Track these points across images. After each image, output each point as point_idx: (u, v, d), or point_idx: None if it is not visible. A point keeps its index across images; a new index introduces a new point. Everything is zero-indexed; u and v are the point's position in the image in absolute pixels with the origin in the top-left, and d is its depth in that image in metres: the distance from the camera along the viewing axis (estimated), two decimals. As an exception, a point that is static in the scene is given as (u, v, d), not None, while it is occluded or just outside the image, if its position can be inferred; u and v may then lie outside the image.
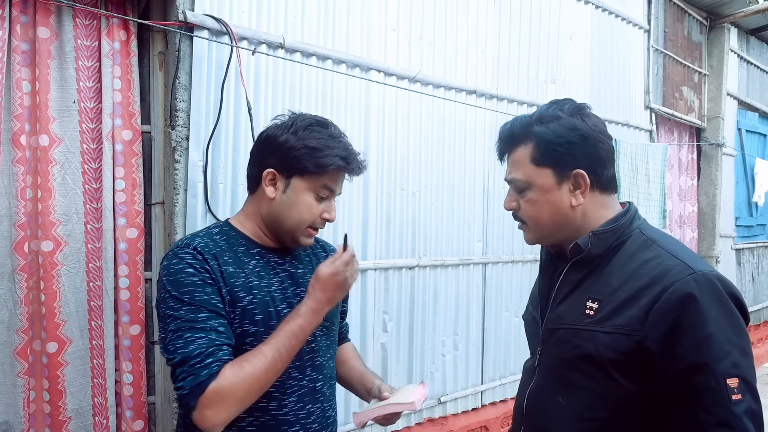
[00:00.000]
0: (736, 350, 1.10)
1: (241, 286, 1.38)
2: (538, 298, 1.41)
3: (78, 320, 2.03)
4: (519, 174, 1.30)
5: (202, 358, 1.25)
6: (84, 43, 2.02)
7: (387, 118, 2.76)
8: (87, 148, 2.03)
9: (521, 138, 1.30)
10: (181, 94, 2.07)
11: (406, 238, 2.87)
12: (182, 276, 1.32)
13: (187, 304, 1.29)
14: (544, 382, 1.31)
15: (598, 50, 4.00)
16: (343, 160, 1.41)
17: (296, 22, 2.41)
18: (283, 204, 1.42)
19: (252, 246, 1.46)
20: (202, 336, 1.28)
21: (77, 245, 2.02)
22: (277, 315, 1.42)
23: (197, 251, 1.36)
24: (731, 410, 1.07)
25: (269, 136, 1.44)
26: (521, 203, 1.31)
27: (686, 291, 1.11)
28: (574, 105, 1.29)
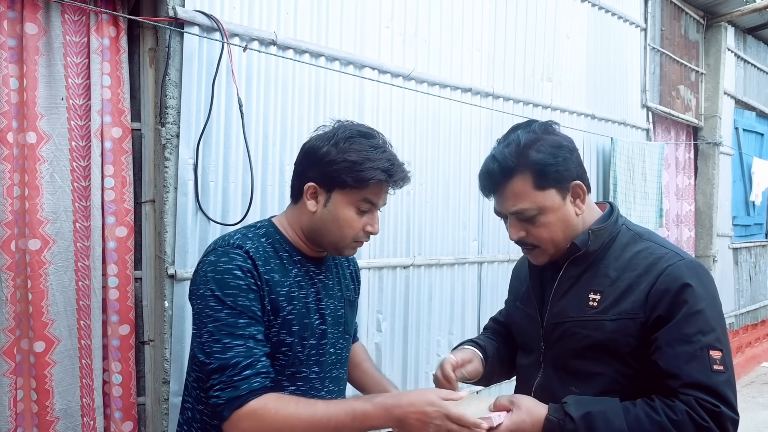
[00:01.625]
0: (720, 329, 1.23)
1: (285, 295, 1.38)
2: (530, 296, 1.47)
3: (66, 319, 2.00)
4: (525, 204, 1.31)
5: (240, 369, 1.24)
6: (73, 39, 1.99)
7: (381, 116, 2.74)
8: (76, 145, 2.01)
9: (516, 168, 1.30)
10: (172, 91, 2.05)
11: (400, 237, 2.85)
12: (229, 277, 1.30)
13: (228, 307, 1.28)
14: (552, 374, 1.37)
15: (594, 48, 3.99)
16: (384, 173, 1.36)
17: (289, 19, 2.38)
18: (324, 218, 1.39)
19: (295, 253, 1.45)
20: (241, 343, 1.27)
21: (65, 244, 1.99)
22: (311, 326, 1.43)
23: (248, 255, 1.34)
24: (712, 378, 1.17)
25: (311, 148, 1.41)
26: (531, 230, 1.34)
27: (679, 273, 1.24)
28: (542, 124, 1.36)
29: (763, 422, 4.70)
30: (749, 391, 5.48)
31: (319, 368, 1.45)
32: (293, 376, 1.41)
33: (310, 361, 1.44)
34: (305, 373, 1.43)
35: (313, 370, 1.44)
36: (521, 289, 1.53)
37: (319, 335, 1.45)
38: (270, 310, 1.35)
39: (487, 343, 1.61)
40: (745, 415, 4.86)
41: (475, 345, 1.57)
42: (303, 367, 1.42)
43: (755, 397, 5.31)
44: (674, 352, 1.20)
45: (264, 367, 1.28)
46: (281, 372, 1.39)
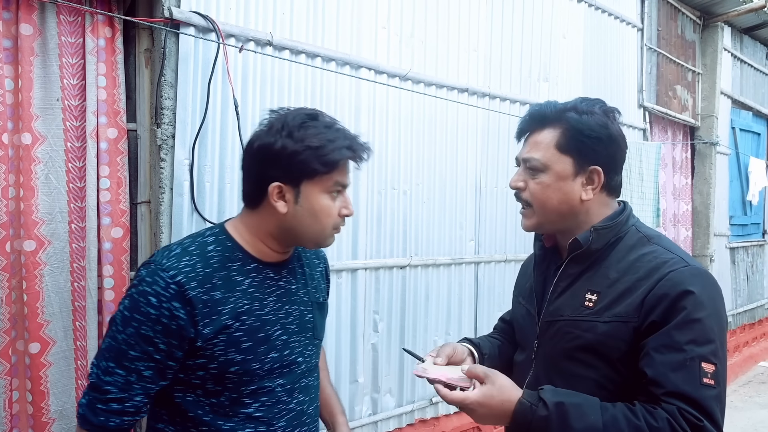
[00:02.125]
0: (718, 343, 1.16)
1: (228, 313, 1.29)
2: (531, 292, 1.44)
3: (62, 321, 2.00)
4: (538, 155, 1.29)
5: (106, 399, 1.22)
6: (68, 40, 1.99)
7: (378, 117, 2.74)
8: (71, 146, 2.01)
9: (552, 120, 1.29)
10: (167, 91, 2.05)
11: (397, 238, 2.85)
12: (143, 302, 1.23)
13: (127, 333, 1.23)
14: (542, 374, 1.34)
15: (591, 49, 3.99)
16: (349, 150, 1.30)
17: (285, 19, 2.38)
18: (298, 215, 1.30)
19: (248, 261, 1.35)
20: (122, 374, 1.23)
21: (61, 245, 1.99)
22: (268, 339, 1.33)
23: (173, 280, 1.23)
24: (700, 391, 1.11)
25: (262, 146, 1.30)
26: (530, 184, 1.31)
27: (681, 279, 1.17)
28: (606, 106, 1.33)
29: (760, 421, 4.71)
30: (746, 391, 5.49)
31: (285, 380, 1.37)
32: (255, 392, 1.33)
33: (273, 375, 1.35)
34: (269, 388, 1.34)
35: (278, 383, 1.36)
36: (525, 285, 1.49)
37: (281, 346, 1.36)
38: (208, 333, 1.26)
39: (485, 341, 1.58)
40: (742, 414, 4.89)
41: (469, 342, 1.53)
42: (266, 381, 1.34)
43: (752, 397, 5.32)
44: (662, 359, 1.13)
45: (134, 406, 1.24)
46: (237, 390, 1.31)
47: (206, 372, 1.27)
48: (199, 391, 1.30)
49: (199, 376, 1.28)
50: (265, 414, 1.33)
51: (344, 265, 2.62)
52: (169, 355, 1.24)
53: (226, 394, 1.30)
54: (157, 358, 1.23)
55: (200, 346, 1.25)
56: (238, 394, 1.31)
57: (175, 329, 1.23)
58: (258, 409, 1.33)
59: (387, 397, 2.85)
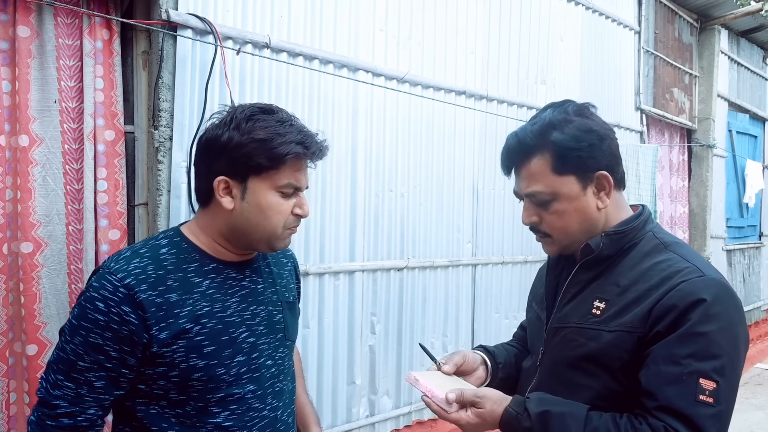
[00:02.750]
0: (725, 358, 1.08)
1: (186, 316, 1.21)
2: (543, 296, 1.39)
3: (59, 323, 1.99)
4: (540, 187, 1.22)
5: (56, 414, 1.17)
6: (65, 42, 1.99)
7: (375, 119, 2.75)
8: (68, 148, 2.01)
9: (536, 148, 1.22)
10: (165, 94, 2.05)
11: (394, 240, 2.85)
12: (90, 308, 1.17)
13: (75, 343, 1.17)
14: (545, 381, 1.29)
15: (588, 51, 4.00)
16: (299, 145, 1.22)
17: (282, 22, 2.39)
18: (245, 213, 1.23)
19: (206, 262, 1.27)
20: (72, 387, 1.17)
21: (58, 247, 1.99)
22: (233, 342, 1.27)
23: (122, 283, 1.17)
24: (694, 408, 1.04)
25: (209, 139, 1.24)
26: (545, 216, 1.25)
27: (693, 290, 1.10)
28: (577, 105, 1.25)
29: (756, 423, 4.72)
30: (743, 392, 5.50)
31: (256, 385, 1.30)
32: (223, 400, 1.25)
33: (242, 380, 1.28)
34: (238, 394, 1.27)
35: (248, 389, 1.29)
36: (540, 290, 1.43)
37: (248, 349, 1.29)
38: (165, 338, 1.19)
39: (501, 349, 1.52)
40: (738, 416, 4.89)
41: (484, 350, 1.49)
42: (234, 388, 1.26)
43: (749, 398, 5.33)
44: (658, 370, 1.08)
45: (87, 420, 1.18)
46: (203, 399, 1.24)
47: (167, 381, 1.21)
48: (163, 402, 1.23)
49: (161, 386, 1.21)
50: (235, 423, 1.26)
51: (342, 267, 2.62)
52: (122, 363, 1.18)
53: (191, 404, 1.23)
54: (108, 367, 1.17)
55: (157, 353, 1.18)
56: (204, 402, 1.24)
57: (126, 335, 1.16)
58: (227, 418, 1.26)
59: (384, 398, 2.85)
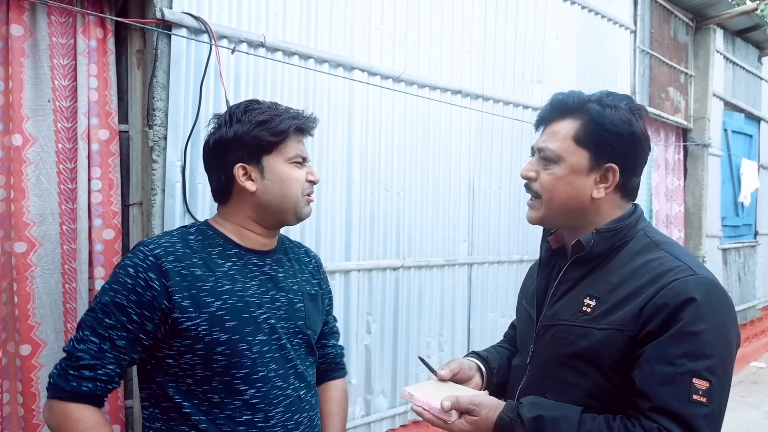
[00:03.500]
0: (717, 358, 1.08)
1: (208, 290, 1.32)
2: (533, 294, 1.39)
3: (53, 323, 1.99)
4: (554, 145, 1.25)
5: (79, 366, 1.25)
6: (59, 41, 1.98)
7: (371, 118, 2.74)
8: (62, 147, 2.00)
9: (573, 110, 1.25)
10: (159, 93, 2.04)
11: (390, 239, 2.85)
12: (122, 273, 1.30)
13: (104, 302, 1.29)
14: (535, 380, 1.29)
15: (584, 51, 4.01)
16: (295, 119, 1.40)
17: (278, 21, 2.38)
18: (268, 188, 1.39)
19: (230, 246, 1.41)
20: (96, 342, 1.26)
21: (52, 246, 1.98)
22: (254, 321, 1.36)
23: (151, 252, 1.31)
24: (688, 408, 1.05)
25: (218, 140, 1.41)
26: (541, 174, 1.27)
27: (684, 289, 1.11)
28: (634, 103, 1.28)
29: (751, 422, 4.74)
30: (738, 391, 5.52)
31: (278, 365, 1.39)
32: (248, 377, 1.34)
33: (265, 358, 1.36)
34: (262, 372, 1.36)
35: (272, 368, 1.37)
36: (530, 288, 1.44)
37: (269, 330, 1.38)
38: (187, 305, 1.30)
39: (494, 353, 1.52)
40: (734, 414, 4.91)
41: (477, 357, 1.49)
42: (258, 366, 1.35)
43: (744, 397, 5.35)
44: (651, 370, 1.08)
45: (106, 374, 1.27)
46: (228, 374, 1.33)
47: (193, 354, 1.29)
48: (190, 380, 1.32)
49: (188, 361, 1.30)
50: (261, 400, 1.34)
51: (337, 267, 2.62)
52: (142, 327, 1.28)
53: (216, 379, 1.31)
54: (129, 329, 1.27)
55: (180, 320, 1.28)
56: (230, 377, 1.32)
57: (148, 300, 1.27)
58: (254, 395, 1.33)
59: (380, 398, 2.85)
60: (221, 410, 1.32)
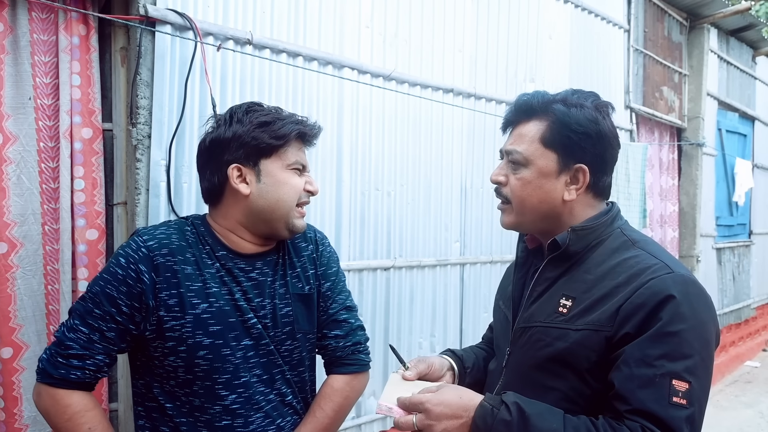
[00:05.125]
0: (697, 358, 1.06)
1: (196, 291, 1.30)
2: (510, 295, 1.36)
3: (35, 325, 1.96)
4: (521, 148, 1.22)
5: (67, 355, 1.26)
6: (41, 38, 1.94)
7: (361, 117, 2.71)
8: (44, 146, 1.96)
9: (538, 112, 1.23)
10: (143, 90, 2.01)
11: (381, 239, 2.82)
12: (114, 263, 1.30)
13: (94, 293, 1.29)
14: (511, 384, 1.26)
15: (577, 49, 3.98)
16: (299, 124, 1.36)
17: (265, 18, 2.35)
18: (263, 193, 1.34)
19: (218, 248, 1.37)
20: (86, 332, 1.27)
21: (34, 247, 1.95)
22: (240, 326, 1.32)
23: (145, 246, 1.30)
24: (668, 411, 1.02)
25: (214, 140, 1.36)
26: (511, 179, 1.24)
27: (662, 288, 1.08)
28: (600, 101, 1.25)
29: (745, 421, 4.72)
30: (732, 390, 5.51)
31: (263, 370, 1.36)
32: (229, 383, 1.32)
33: (249, 364, 1.34)
34: (245, 378, 1.33)
35: (255, 373, 1.34)
36: (507, 288, 1.41)
37: (257, 335, 1.35)
38: (173, 304, 1.28)
39: (470, 352, 1.50)
40: (728, 414, 4.90)
41: (452, 355, 1.46)
42: (241, 372, 1.32)
43: (738, 396, 5.34)
44: (630, 373, 1.05)
45: (95, 365, 1.27)
46: (209, 379, 1.30)
47: (176, 356, 1.29)
48: (172, 381, 1.31)
49: (171, 363, 1.29)
50: (242, 405, 1.32)
51: (327, 267, 2.58)
52: (131, 319, 1.28)
53: (198, 383, 1.30)
54: (119, 320, 1.27)
55: (163, 317, 1.27)
56: (211, 382, 1.30)
57: (138, 293, 1.27)
58: (235, 401, 1.32)
59: (371, 400, 2.82)
60: (202, 413, 1.32)
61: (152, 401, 1.35)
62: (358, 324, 1.55)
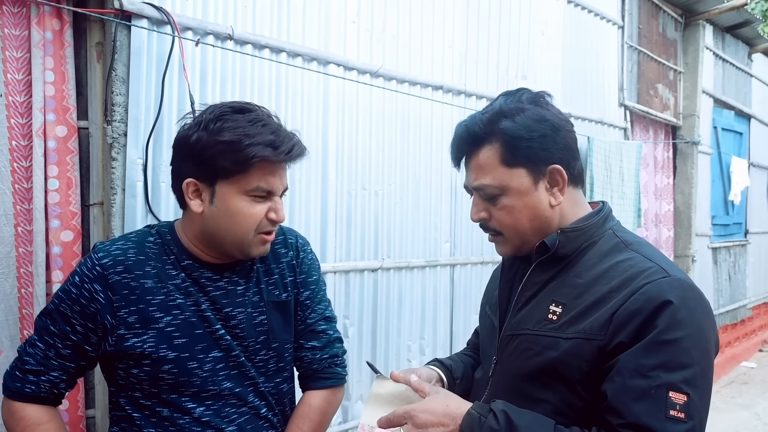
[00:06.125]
0: (697, 368, 1.00)
1: (158, 305, 1.24)
2: (497, 300, 1.30)
3: (8, 329, 1.90)
4: (488, 179, 1.16)
5: (24, 369, 1.25)
6: (12, 33, 1.88)
7: (347, 115, 2.65)
8: (17, 145, 1.90)
9: (485, 138, 1.15)
10: (118, 87, 1.94)
11: (368, 240, 2.76)
12: (69, 282, 1.26)
13: (51, 310, 1.27)
14: (497, 394, 1.19)
15: (570, 46, 3.93)
16: (268, 147, 1.17)
17: (247, 12, 2.28)
18: (214, 217, 1.22)
19: (184, 258, 1.29)
20: (42, 348, 1.25)
21: (6, 249, 1.89)
22: (207, 337, 1.26)
23: (99, 264, 1.24)
24: (664, 425, 0.96)
25: (179, 140, 1.25)
26: (494, 212, 1.18)
27: (658, 293, 1.02)
28: (532, 94, 1.19)
29: (741, 423, 4.68)
30: (728, 391, 5.47)
31: (234, 383, 1.30)
32: (197, 395, 1.27)
33: (218, 377, 1.28)
34: (214, 391, 1.28)
35: (226, 386, 1.29)
36: (494, 293, 1.35)
37: (226, 346, 1.29)
38: (133, 321, 1.23)
39: (458, 361, 1.44)
40: (724, 415, 4.85)
41: (440, 364, 1.41)
42: (209, 385, 1.27)
43: (734, 398, 5.30)
44: (624, 385, 0.99)
45: (49, 381, 1.25)
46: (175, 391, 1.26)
47: (140, 370, 1.25)
48: (138, 393, 1.28)
49: (135, 375, 1.26)
50: (212, 418, 1.28)
51: (312, 269, 2.53)
52: (86, 338, 1.24)
53: (164, 397, 1.26)
54: (74, 339, 1.24)
55: (126, 336, 1.22)
56: (177, 394, 1.26)
57: (92, 313, 1.23)
58: (203, 413, 1.28)
59: (358, 404, 2.76)
60: (171, 424, 1.27)
61: (120, 410, 1.31)
62: (336, 336, 1.48)
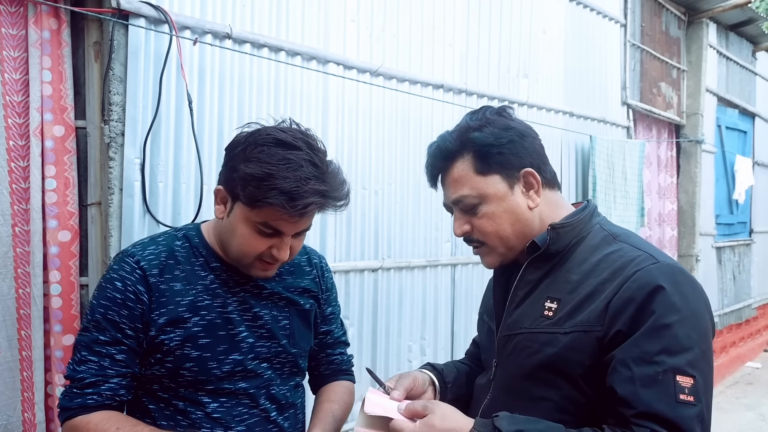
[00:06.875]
0: (697, 350, 1.01)
1: (186, 305, 1.28)
2: (493, 307, 1.30)
3: (5, 330, 1.89)
4: (466, 190, 1.19)
5: (82, 386, 1.24)
6: (9, 32, 1.87)
7: (347, 114, 2.64)
8: (14, 144, 1.89)
9: (457, 151, 1.20)
10: (116, 86, 1.94)
11: (368, 239, 2.75)
12: (110, 288, 1.26)
13: (96, 320, 1.26)
14: (498, 397, 1.20)
15: (572, 44, 3.91)
16: (284, 196, 1.11)
17: (246, 11, 2.27)
18: (226, 229, 1.28)
19: (212, 260, 1.34)
20: (95, 360, 1.24)
21: (4, 249, 1.88)
22: (230, 339, 1.31)
23: (138, 265, 1.27)
24: (677, 410, 0.97)
25: (230, 145, 1.26)
26: (475, 223, 1.21)
27: (649, 279, 1.05)
28: (495, 108, 1.25)
29: (746, 424, 4.65)
30: (733, 392, 5.43)
31: (249, 384, 1.34)
32: (213, 392, 1.31)
33: (235, 377, 1.33)
34: (229, 389, 1.32)
35: (240, 387, 1.33)
36: (490, 302, 1.36)
37: (246, 349, 1.33)
38: (163, 323, 1.27)
39: (451, 367, 1.45)
40: (728, 416, 4.82)
41: (432, 369, 1.41)
42: (225, 383, 1.32)
43: (739, 398, 5.26)
44: (630, 374, 1.00)
45: (110, 389, 1.24)
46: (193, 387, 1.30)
47: (161, 366, 1.28)
48: (156, 386, 1.31)
49: (156, 371, 1.29)
50: (223, 415, 1.31)
51: (312, 269, 2.52)
52: (137, 341, 1.27)
53: (181, 391, 1.30)
54: (127, 343, 1.26)
55: (154, 336, 1.26)
56: (194, 389, 1.30)
57: (139, 314, 1.25)
58: (216, 410, 1.31)
59: (358, 405, 2.74)
60: (184, 417, 1.31)
61: (136, 400, 1.34)
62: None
